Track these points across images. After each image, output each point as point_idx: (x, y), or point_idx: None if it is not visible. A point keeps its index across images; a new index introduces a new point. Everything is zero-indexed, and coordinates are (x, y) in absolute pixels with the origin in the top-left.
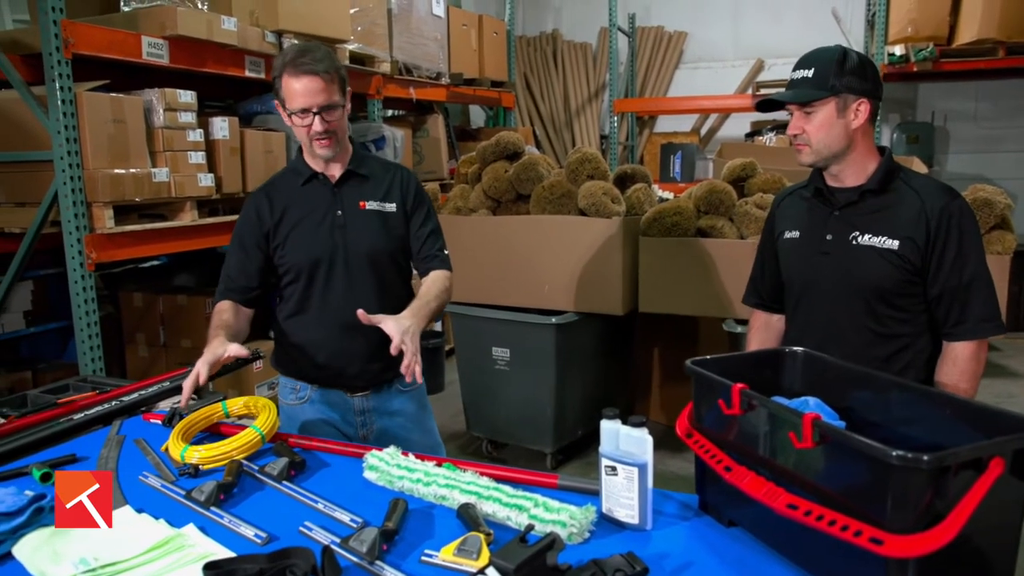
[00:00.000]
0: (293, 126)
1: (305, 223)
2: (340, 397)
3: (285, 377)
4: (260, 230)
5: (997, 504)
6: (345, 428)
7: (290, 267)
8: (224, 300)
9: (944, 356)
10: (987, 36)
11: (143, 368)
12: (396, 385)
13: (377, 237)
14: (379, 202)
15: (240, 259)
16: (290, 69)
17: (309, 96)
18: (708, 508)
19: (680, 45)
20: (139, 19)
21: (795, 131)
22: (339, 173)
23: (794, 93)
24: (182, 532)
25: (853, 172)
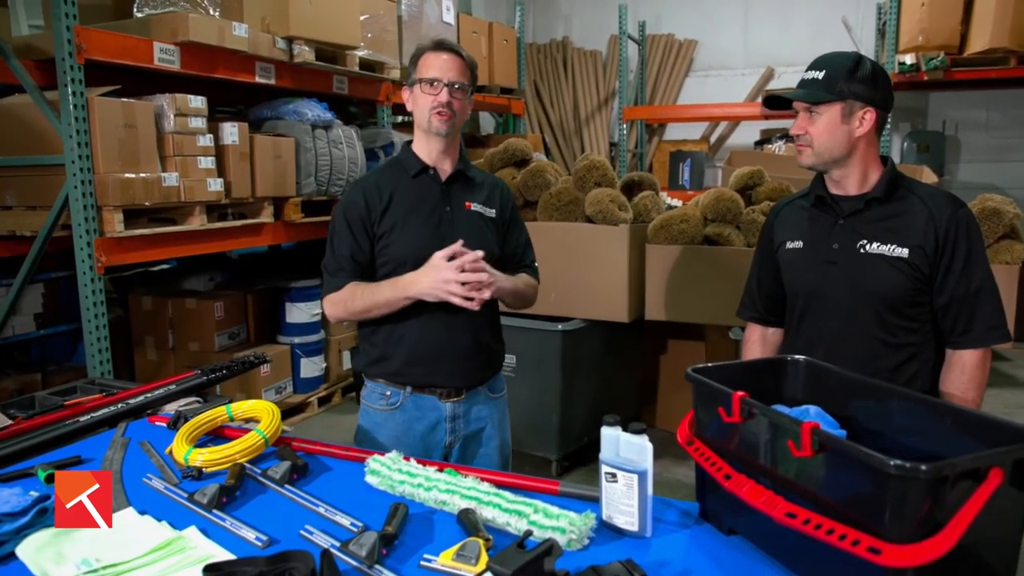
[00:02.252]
0: (416, 104)
1: (413, 216)
2: (433, 403)
3: (375, 381)
4: (368, 216)
5: (996, 515)
6: (430, 439)
7: (392, 258)
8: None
9: (950, 365)
10: (999, 45)
11: (151, 371)
12: (485, 391)
13: (482, 238)
14: (482, 205)
15: (351, 244)
16: (435, 48)
17: (444, 69)
18: (708, 516)
19: (690, 53)
20: (151, 25)
21: (798, 131)
22: (450, 169)
23: (801, 92)
24: (183, 534)
25: (856, 179)
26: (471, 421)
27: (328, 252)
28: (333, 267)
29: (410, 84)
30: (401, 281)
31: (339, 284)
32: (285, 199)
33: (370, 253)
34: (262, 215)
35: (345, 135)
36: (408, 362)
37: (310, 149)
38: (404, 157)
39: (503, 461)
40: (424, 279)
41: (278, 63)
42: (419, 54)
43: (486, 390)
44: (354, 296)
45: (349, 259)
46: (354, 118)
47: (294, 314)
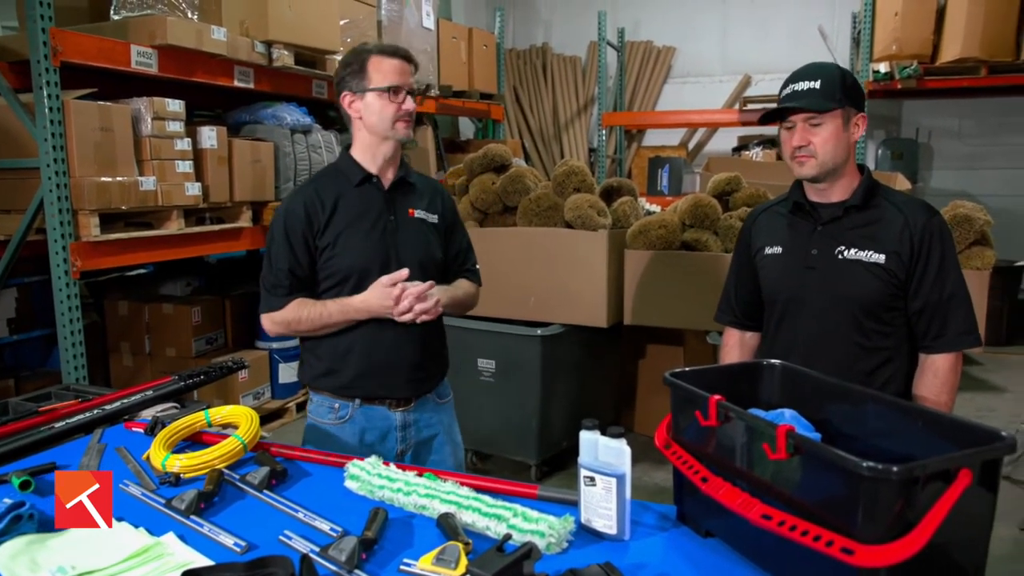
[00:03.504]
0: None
1: (358, 226)
2: (383, 413)
3: (323, 395)
4: (309, 229)
5: (966, 514)
6: (381, 449)
7: (338, 271)
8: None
9: (924, 368)
10: (970, 55)
11: (127, 377)
12: (433, 397)
13: (427, 244)
14: (425, 211)
15: (290, 258)
16: (382, 52)
17: (404, 75)
18: (686, 519)
19: (668, 60)
20: (129, 28)
21: (801, 142)
22: (393, 177)
23: (807, 102)
24: (161, 541)
25: (840, 187)
26: (422, 428)
27: (266, 266)
28: (271, 282)
29: (358, 91)
30: (352, 305)
31: (280, 302)
32: (264, 203)
33: (310, 266)
34: (240, 220)
35: (324, 139)
36: (358, 375)
37: (289, 153)
38: (344, 165)
39: (456, 465)
40: (375, 304)
41: (257, 67)
42: (365, 58)
43: (435, 396)
44: (299, 317)
45: (288, 274)
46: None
47: None
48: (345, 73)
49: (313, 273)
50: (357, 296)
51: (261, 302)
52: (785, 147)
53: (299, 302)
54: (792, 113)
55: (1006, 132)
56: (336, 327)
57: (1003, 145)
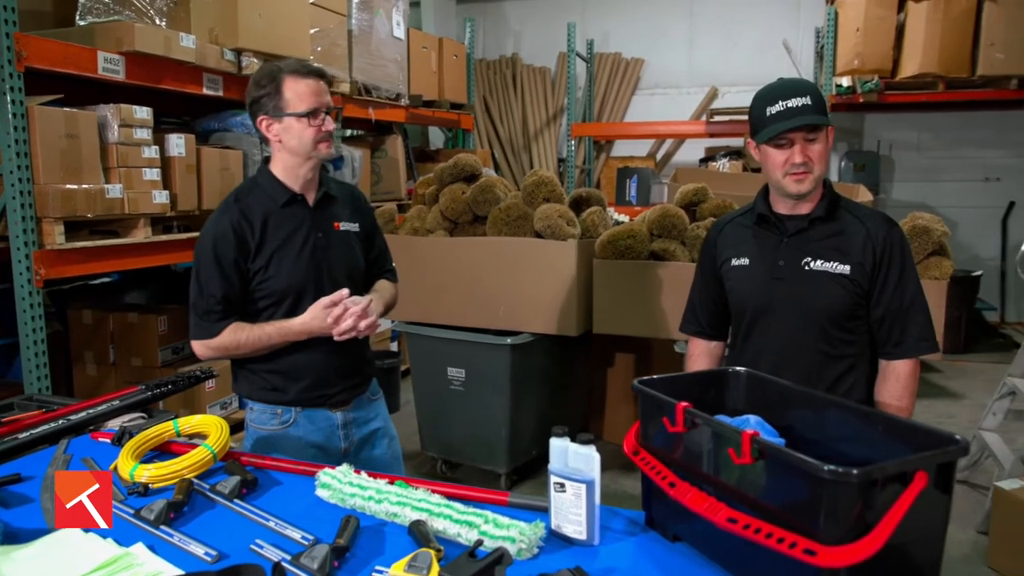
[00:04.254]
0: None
1: (288, 246)
2: (324, 414)
3: (264, 404)
4: (240, 253)
5: (922, 515)
6: (328, 447)
7: (272, 292)
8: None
9: (885, 375)
10: (928, 71)
11: (91, 387)
12: (367, 395)
13: (353, 255)
14: (348, 222)
15: (222, 284)
16: (294, 74)
17: (320, 96)
18: (654, 524)
19: (637, 71)
20: (95, 34)
21: (802, 159)
22: (315, 194)
23: (812, 118)
24: (130, 551)
25: (808, 200)
26: (362, 425)
27: (195, 291)
28: (203, 309)
29: (275, 115)
30: (292, 328)
31: (215, 328)
32: None
33: (242, 290)
34: None
35: None
36: (299, 389)
37: (258, 162)
38: (267, 184)
39: (394, 456)
40: (315, 327)
41: (226, 75)
42: (279, 79)
43: (368, 394)
44: (238, 343)
45: (221, 299)
46: None
47: None
48: (259, 95)
49: (245, 295)
50: (297, 319)
51: (192, 328)
52: (776, 164)
53: (235, 327)
54: (792, 130)
55: (963, 145)
56: (274, 348)
57: (960, 158)
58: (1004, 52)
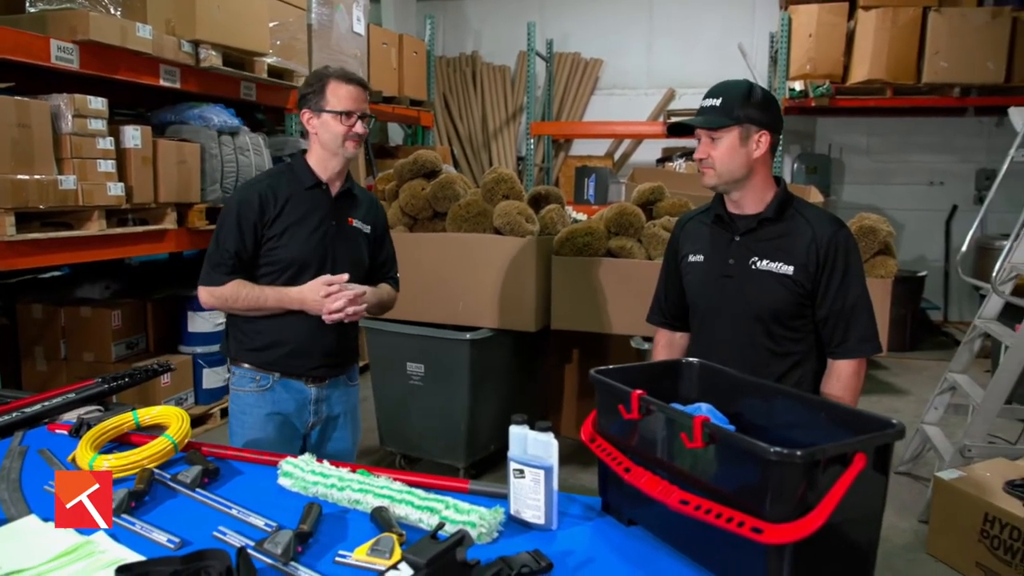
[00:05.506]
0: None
1: (302, 224)
2: (300, 386)
3: (244, 367)
4: (260, 218)
5: (861, 495)
6: (296, 419)
7: (278, 261)
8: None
9: (829, 372)
10: (876, 77)
11: (40, 383)
12: (344, 379)
13: (359, 250)
14: (361, 221)
15: (237, 241)
16: (340, 78)
17: (358, 101)
18: (610, 509)
19: (596, 72)
20: (48, 22)
21: (702, 155)
22: (339, 188)
23: (703, 119)
24: (91, 539)
25: (752, 200)
26: (333, 405)
27: (213, 244)
28: (216, 260)
29: (316, 110)
30: (288, 295)
31: (221, 279)
32: (189, 205)
33: (254, 252)
34: (165, 221)
35: (252, 142)
36: (282, 354)
37: (216, 155)
38: (299, 168)
39: (355, 443)
40: (309, 299)
41: (184, 67)
42: (324, 81)
43: (345, 378)
44: (238, 296)
45: (234, 255)
46: (262, 125)
47: (197, 323)
48: (307, 91)
49: (255, 259)
50: (295, 287)
51: (202, 276)
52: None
53: (238, 282)
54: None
55: (909, 150)
56: (267, 311)
57: (906, 163)
58: (948, 61)
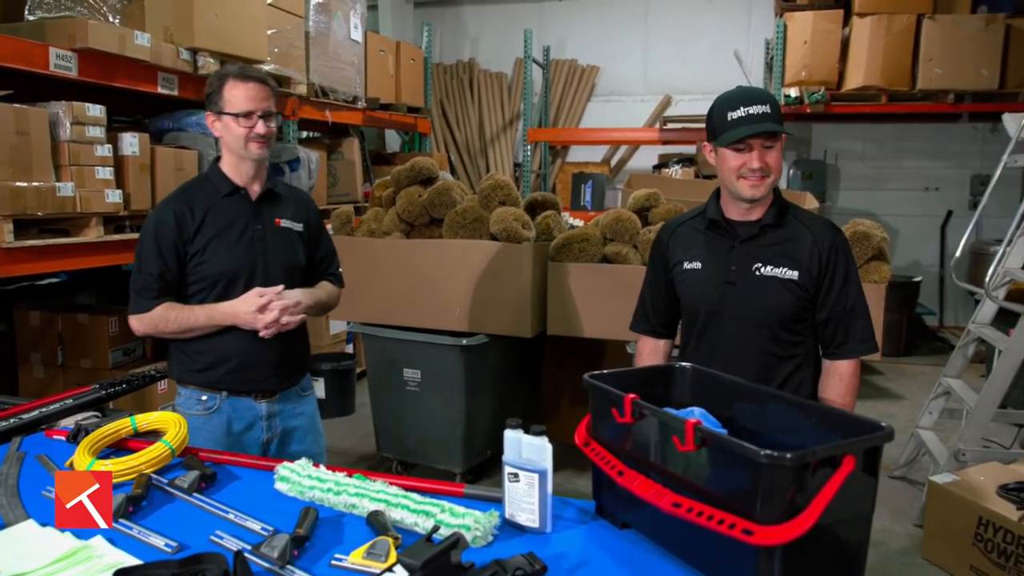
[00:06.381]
0: (227, 131)
1: (226, 234)
2: (249, 403)
3: (191, 388)
4: (179, 237)
5: (851, 496)
6: (247, 438)
7: (206, 276)
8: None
9: (828, 373)
10: (871, 83)
11: (37, 389)
12: (296, 390)
13: (292, 251)
14: (290, 220)
15: (160, 264)
16: (237, 77)
17: (256, 101)
18: (604, 512)
19: (592, 78)
20: (47, 30)
21: (760, 165)
22: (259, 189)
23: (771, 125)
24: (89, 544)
25: (760, 206)
26: (287, 418)
27: (135, 270)
28: (140, 285)
29: (217, 112)
30: (218, 311)
31: (148, 304)
32: None
33: (178, 272)
34: None
35: None
36: (227, 372)
37: None
38: (213, 176)
39: (318, 452)
40: (240, 312)
41: (182, 74)
42: (223, 81)
43: (298, 389)
44: (166, 319)
45: (158, 278)
46: None
47: None
48: (208, 93)
49: (181, 278)
50: (226, 303)
51: (130, 304)
52: (732, 168)
53: (167, 306)
54: (752, 136)
55: (904, 156)
56: (202, 331)
57: (901, 168)
58: (942, 67)
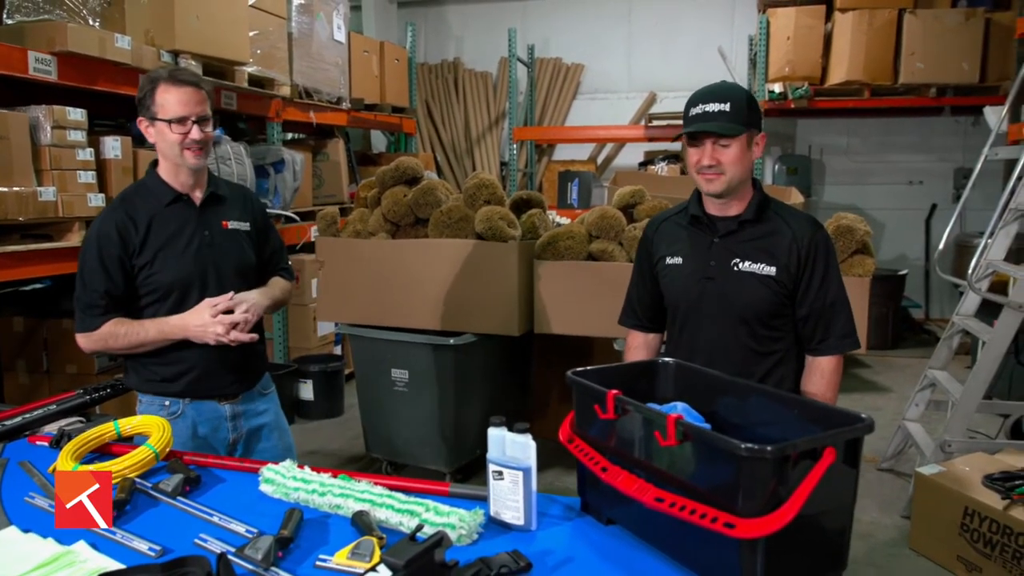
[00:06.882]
0: (162, 138)
1: (173, 243)
2: (212, 406)
3: (152, 396)
4: (124, 250)
5: (832, 488)
6: (214, 439)
7: (158, 287)
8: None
9: (810, 369)
10: (854, 78)
11: (23, 395)
12: (258, 389)
13: (242, 253)
14: (237, 221)
15: (104, 280)
16: (169, 81)
17: (189, 105)
18: (589, 508)
19: (577, 77)
20: (25, 33)
21: (710, 162)
22: (201, 195)
23: (722, 126)
24: (72, 549)
25: (738, 202)
26: (251, 418)
27: (80, 286)
28: (85, 302)
29: (150, 118)
30: (169, 324)
31: (95, 323)
32: None
33: (125, 286)
34: None
35: (234, 151)
36: (187, 382)
37: None
38: (152, 184)
39: (285, 449)
40: (191, 325)
41: None
42: (154, 85)
43: (259, 388)
44: (116, 335)
45: (103, 295)
46: (243, 134)
47: None
48: (140, 96)
49: (129, 291)
50: (175, 316)
51: (76, 321)
52: (691, 162)
53: (115, 322)
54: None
55: (888, 150)
56: (153, 345)
57: (885, 162)
58: (924, 62)
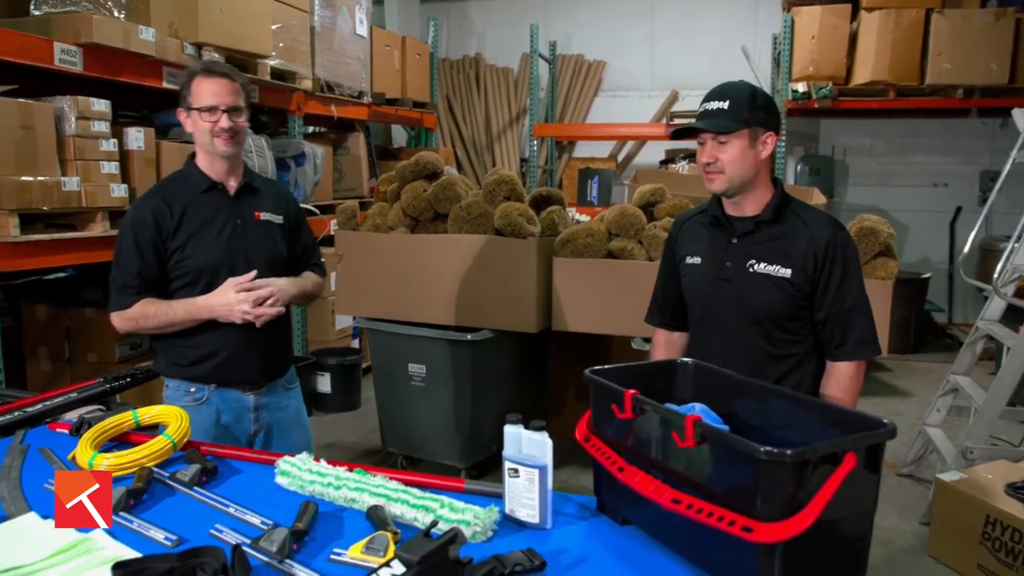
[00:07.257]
0: (195, 127)
1: (206, 229)
2: (237, 395)
3: (179, 380)
4: (158, 234)
5: (852, 494)
6: (236, 428)
7: (188, 271)
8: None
9: (828, 374)
10: (879, 79)
11: (45, 383)
12: (283, 382)
13: (273, 244)
14: (270, 213)
15: (139, 263)
16: (204, 72)
17: (220, 96)
18: (605, 508)
19: (599, 74)
20: (52, 25)
21: (709, 159)
22: (236, 184)
23: (713, 123)
24: (89, 536)
25: (753, 202)
26: (273, 410)
27: (115, 267)
28: (119, 283)
29: (187, 108)
30: (196, 304)
31: (128, 302)
32: None
33: (158, 269)
34: None
35: (256, 144)
36: (214, 366)
37: None
38: (190, 173)
39: (304, 444)
40: (217, 304)
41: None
42: (190, 78)
43: (284, 381)
44: (146, 315)
45: (136, 276)
46: (264, 127)
47: None
48: (180, 88)
49: (162, 275)
50: (201, 297)
51: (110, 301)
52: (699, 161)
53: (146, 302)
54: (703, 131)
55: (912, 151)
56: (181, 325)
57: (910, 164)
58: (951, 62)
